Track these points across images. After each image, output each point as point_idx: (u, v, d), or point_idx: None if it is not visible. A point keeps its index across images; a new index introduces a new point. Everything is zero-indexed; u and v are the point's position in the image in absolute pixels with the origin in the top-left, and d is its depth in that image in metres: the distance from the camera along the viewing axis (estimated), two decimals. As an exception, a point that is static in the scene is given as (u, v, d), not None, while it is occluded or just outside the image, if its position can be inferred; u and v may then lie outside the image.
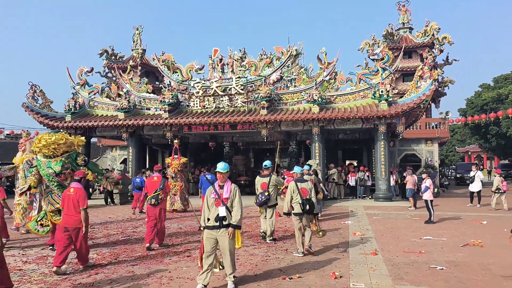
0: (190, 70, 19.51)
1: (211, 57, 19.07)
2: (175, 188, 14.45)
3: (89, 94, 20.90)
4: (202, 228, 5.43)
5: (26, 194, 9.52)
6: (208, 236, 5.30)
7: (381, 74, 17.05)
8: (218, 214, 5.27)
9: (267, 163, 9.12)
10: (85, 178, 7.43)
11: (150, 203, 8.21)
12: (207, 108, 18.94)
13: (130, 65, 23.47)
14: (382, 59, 17.23)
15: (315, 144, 17.44)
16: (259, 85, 18.08)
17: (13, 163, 11.05)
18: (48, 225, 7.81)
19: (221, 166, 5.51)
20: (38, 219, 7.91)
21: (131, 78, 21.00)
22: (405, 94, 17.98)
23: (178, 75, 19.64)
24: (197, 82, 19.09)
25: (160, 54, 19.96)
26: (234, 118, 17.50)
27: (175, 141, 16.26)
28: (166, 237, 8.79)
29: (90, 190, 21.09)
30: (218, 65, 18.93)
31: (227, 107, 18.70)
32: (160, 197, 8.27)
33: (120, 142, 25.47)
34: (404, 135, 19.16)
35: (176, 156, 15.08)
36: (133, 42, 31.22)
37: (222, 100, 18.82)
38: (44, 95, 20.61)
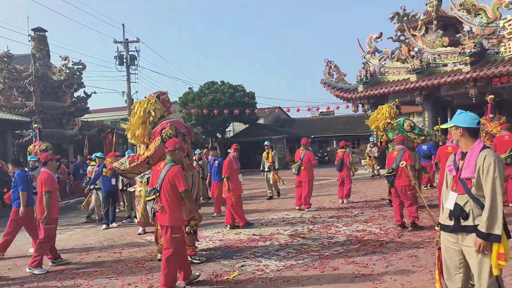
0: (498, 8, 15.31)
1: (529, -19, 14.22)
2: None
3: (379, 61, 20.18)
4: (437, 227, 3.24)
5: None
6: (445, 242, 3.08)
7: None
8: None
9: None
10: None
11: None
12: (526, 50, 14.37)
13: (421, 20, 21.04)
14: None
15: None
16: None
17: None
18: None
19: (460, 118, 3.01)
20: None
21: (423, 35, 18.71)
22: None
23: (481, 18, 15.83)
24: (510, 20, 14.73)
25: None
26: None
27: (490, 96, 12.64)
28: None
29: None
30: (541, -11, 13.90)
31: (560, 44, 13.52)
32: None
33: (416, 108, 23.55)
34: None
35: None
36: (427, -5, 28.02)
37: (550, 36, 13.77)
38: (338, 70, 21.49)
